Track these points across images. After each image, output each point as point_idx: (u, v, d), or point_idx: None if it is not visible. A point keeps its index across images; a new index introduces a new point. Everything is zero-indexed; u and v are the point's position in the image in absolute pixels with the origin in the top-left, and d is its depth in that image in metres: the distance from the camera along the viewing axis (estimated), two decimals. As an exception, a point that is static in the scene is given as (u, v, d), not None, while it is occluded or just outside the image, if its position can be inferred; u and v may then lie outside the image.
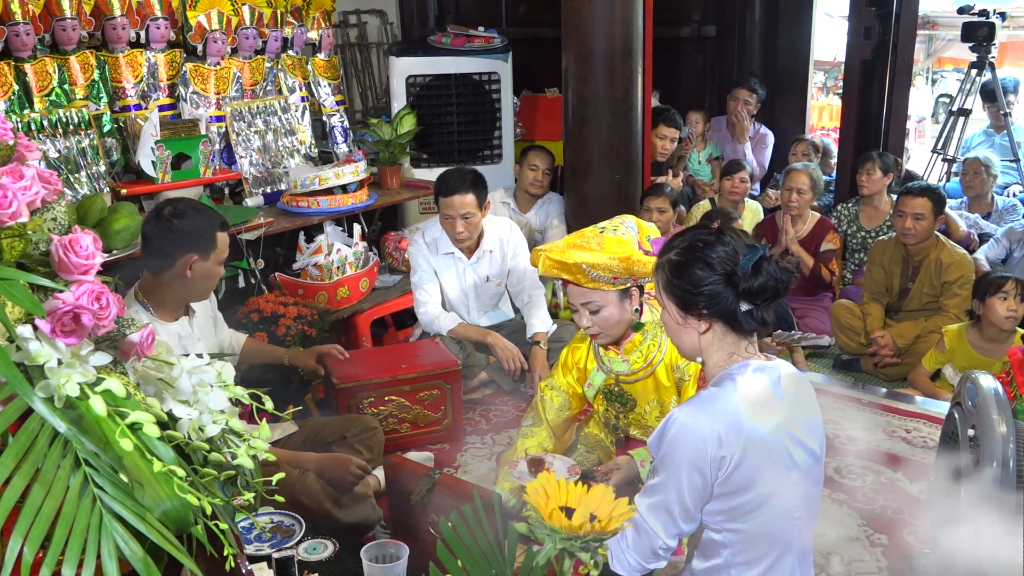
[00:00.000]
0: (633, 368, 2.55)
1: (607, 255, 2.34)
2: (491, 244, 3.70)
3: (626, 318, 2.48)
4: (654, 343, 2.52)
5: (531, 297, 3.72)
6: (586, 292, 2.42)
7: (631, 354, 2.54)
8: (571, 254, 2.36)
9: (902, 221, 3.98)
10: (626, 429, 2.70)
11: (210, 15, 3.97)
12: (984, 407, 2.05)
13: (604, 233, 2.42)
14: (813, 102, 6.86)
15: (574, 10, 4.09)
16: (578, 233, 2.49)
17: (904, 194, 4.04)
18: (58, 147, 3.48)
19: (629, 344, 2.54)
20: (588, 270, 2.35)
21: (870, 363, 4.03)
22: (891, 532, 2.65)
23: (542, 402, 2.74)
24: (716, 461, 1.64)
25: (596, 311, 2.44)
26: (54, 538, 1.06)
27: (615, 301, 2.43)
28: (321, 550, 2.15)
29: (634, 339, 2.53)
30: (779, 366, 1.78)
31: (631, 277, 2.40)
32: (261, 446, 1.35)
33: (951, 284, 3.93)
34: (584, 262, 2.34)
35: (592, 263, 2.34)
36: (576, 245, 2.40)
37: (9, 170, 1.21)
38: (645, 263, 2.35)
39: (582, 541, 1.69)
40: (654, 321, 2.53)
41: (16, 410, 1.13)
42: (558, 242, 2.47)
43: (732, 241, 1.71)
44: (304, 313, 3.46)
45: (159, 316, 2.61)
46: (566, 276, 2.40)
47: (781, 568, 1.73)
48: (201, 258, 2.56)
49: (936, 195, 3.98)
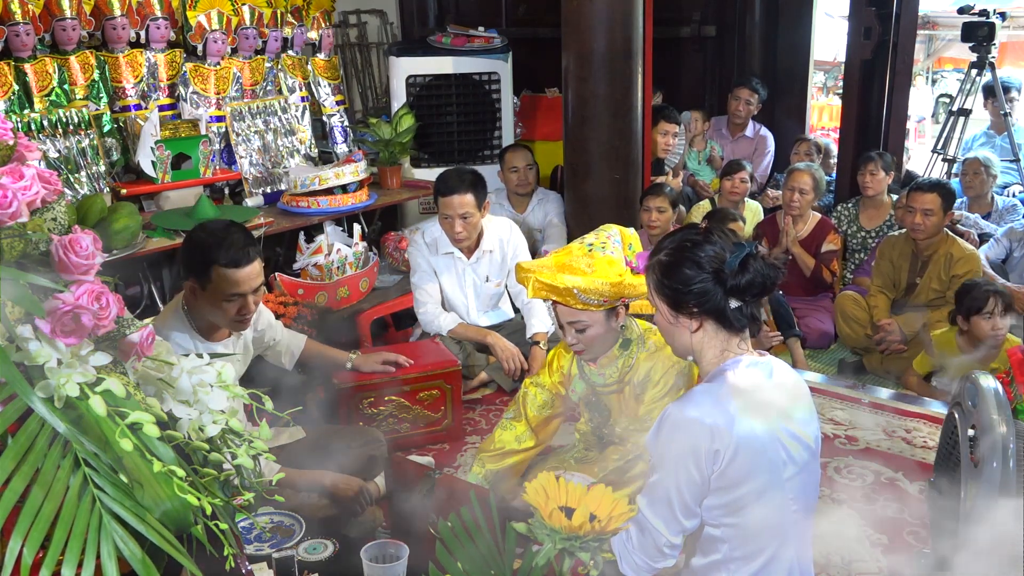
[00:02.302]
0: (608, 381, 2.56)
1: (599, 280, 2.32)
2: (491, 244, 3.70)
3: (611, 335, 2.48)
4: (629, 360, 2.52)
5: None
6: (575, 312, 2.40)
7: (606, 368, 2.55)
8: (562, 278, 2.33)
9: (911, 217, 3.96)
10: (610, 437, 2.70)
11: (210, 15, 3.97)
12: (984, 407, 2.05)
13: (593, 252, 2.38)
14: (813, 102, 6.85)
15: (574, 10, 4.09)
16: (566, 251, 2.45)
17: (914, 190, 4.02)
18: (58, 147, 3.48)
19: (605, 358, 2.54)
20: (579, 294, 2.33)
21: (874, 361, 4.02)
22: (891, 532, 2.65)
23: (525, 397, 2.74)
24: (711, 455, 1.66)
25: (583, 330, 2.43)
26: (54, 539, 1.06)
27: (602, 320, 2.42)
28: (321, 550, 2.15)
29: (610, 354, 2.53)
30: (772, 361, 1.81)
31: (620, 299, 2.39)
32: (261, 446, 1.35)
33: (960, 278, 3.91)
34: (575, 287, 2.32)
35: (583, 288, 2.31)
36: (567, 267, 2.36)
37: (9, 170, 1.21)
38: (635, 285, 2.34)
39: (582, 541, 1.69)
40: (634, 339, 2.53)
41: (16, 410, 1.13)
42: (547, 262, 2.42)
43: (720, 240, 1.75)
44: (304, 313, 3.46)
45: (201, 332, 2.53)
46: (556, 298, 2.39)
47: (779, 562, 1.75)
48: (200, 287, 2.46)
49: (946, 191, 3.97)
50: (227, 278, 2.42)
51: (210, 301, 2.47)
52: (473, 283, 3.73)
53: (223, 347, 2.57)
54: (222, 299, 2.44)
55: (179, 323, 2.51)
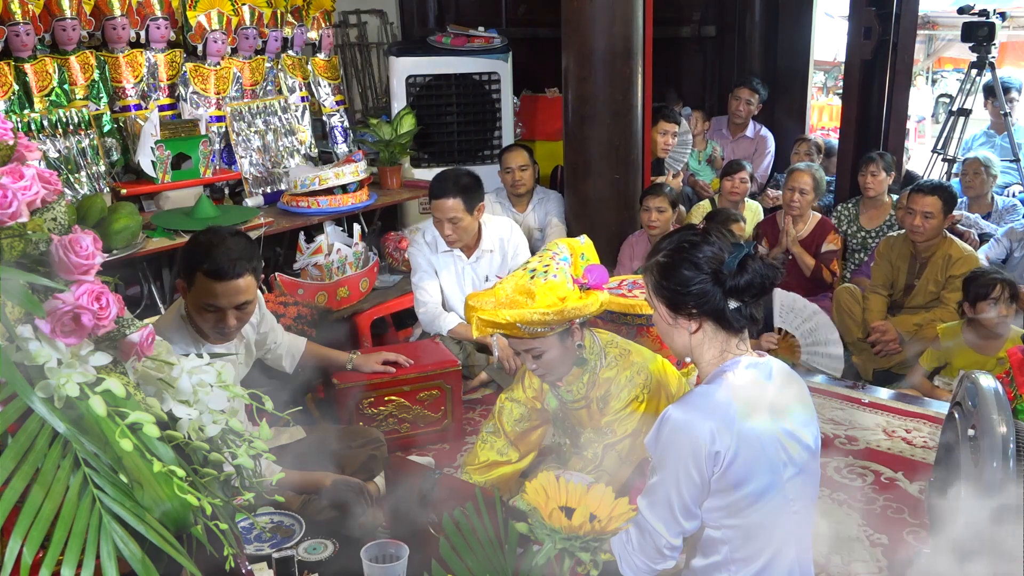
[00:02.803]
0: (576, 397, 2.56)
1: (540, 310, 2.28)
2: (490, 244, 3.70)
3: (570, 353, 2.46)
4: (593, 376, 2.51)
5: None
6: (526, 341, 2.39)
7: (573, 385, 2.55)
8: (502, 314, 2.29)
9: (911, 219, 3.95)
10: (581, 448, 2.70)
11: (210, 15, 3.97)
12: (984, 407, 2.05)
13: (535, 279, 2.33)
14: (813, 102, 6.86)
15: (574, 10, 4.09)
16: (509, 279, 2.41)
17: (914, 191, 4.00)
18: (58, 147, 3.48)
19: (570, 376, 2.54)
20: (522, 327, 2.31)
21: (863, 356, 4.02)
22: (891, 532, 2.65)
23: (501, 412, 2.72)
24: (711, 457, 1.66)
25: (539, 356, 2.42)
26: (53, 539, 1.06)
27: (556, 343, 2.40)
28: (321, 550, 2.15)
29: (574, 371, 2.52)
30: (771, 362, 1.81)
31: (568, 322, 2.38)
32: (261, 446, 1.35)
33: (956, 278, 3.91)
34: (517, 320, 2.29)
35: (526, 320, 2.29)
36: (507, 303, 2.32)
37: (9, 170, 1.21)
38: (580, 307, 2.31)
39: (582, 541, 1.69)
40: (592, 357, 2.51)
41: (16, 410, 1.13)
42: (487, 298, 2.37)
43: (718, 241, 1.75)
44: (304, 313, 3.45)
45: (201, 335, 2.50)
46: (502, 332, 2.38)
47: (780, 563, 1.75)
48: (187, 288, 2.43)
49: (947, 194, 3.95)
50: (207, 287, 2.37)
51: (192, 305, 2.44)
52: (472, 282, 3.73)
53: (224, 349, 2.56)
54: (201, 306, 2.41)
55: (180, 325, 2.50)
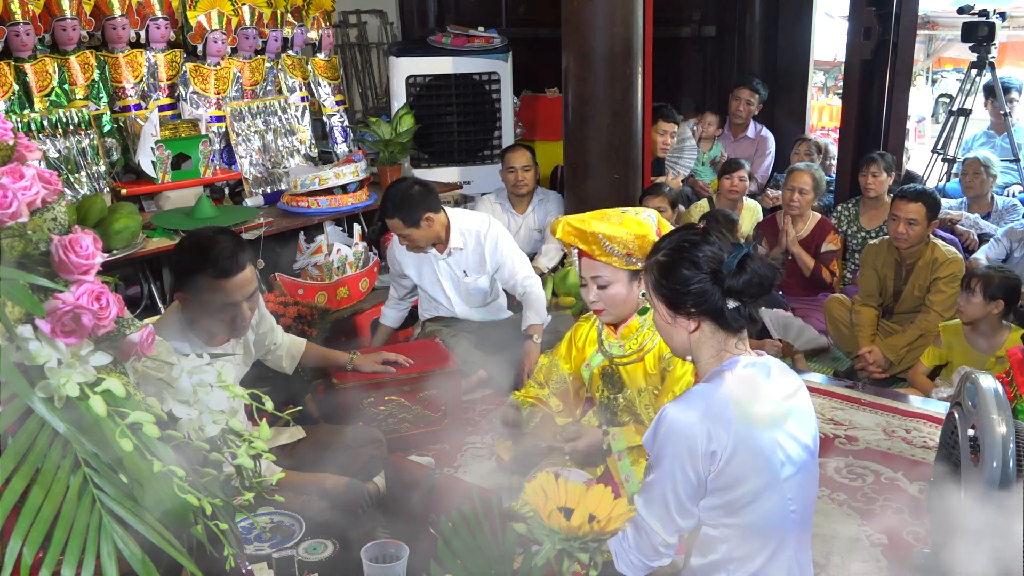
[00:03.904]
0: (627, 352, 2.60)
1: (625, 230, 2.43)
2: (458, 242, 3.63)
3: (632, 299, 2.54)
4: (649, 331, 2.58)
5: (525, 289, 3.68)
6: (597, 265, 2.48)
7: (627, 339, 2.60)
8: (590, 223, 2.46)
9: (895, 225, 3.95)
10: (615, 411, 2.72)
11: (210, 15, 3.97)
12: (984, 407, 2.05)
13: (626, 213, 2.52)
14: (813, 102, 6.85)
15: (574, 10, 4.09)
16: (600, 211, 2.57)
17: (898, 198, 3.99)
18: (58, 147, 3.48)
19: (626, 329, 2.60)
20: (604, 241, 2.43)
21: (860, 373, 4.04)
22: (891, 532, 2.64)
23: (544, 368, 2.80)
24: (707, 456, 1.66)
25: (604, 286, 2.50)
26: (54, 539, 1.06)
27: (624, 280, 2.49)
28: (321, 550, 2.15)
29: (631, 324, 2.58)
30: (770, 361, 1.81)
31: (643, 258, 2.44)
32: (261, 446, 1.35)
33: (939, 280, 3.92)
34: (601, 232, 2.43)
35: (609, 235, 2.42)
36: (597, 217, 2.51)
37: (9, 170, 1.21)
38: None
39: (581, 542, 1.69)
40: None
41: (16, 410, 1.13)
42: (582, 214, 2.57)
43: (718, 240, 1.76)
44: (304, 313, 3.46)
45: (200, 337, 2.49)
46: (581, 245, 2.48)
47: (778, 563, 1.75)
48: (192, 298, 2.42)
49: (931, 200, 3.93)
50: (218, 288, 2.37)
51: (204, 311, 2.44)
52: (451, 277, 3.70)
53: (223, 350, 2.55)
54: (215, 309, 2.41)
55: (178, 329, 2.49)
